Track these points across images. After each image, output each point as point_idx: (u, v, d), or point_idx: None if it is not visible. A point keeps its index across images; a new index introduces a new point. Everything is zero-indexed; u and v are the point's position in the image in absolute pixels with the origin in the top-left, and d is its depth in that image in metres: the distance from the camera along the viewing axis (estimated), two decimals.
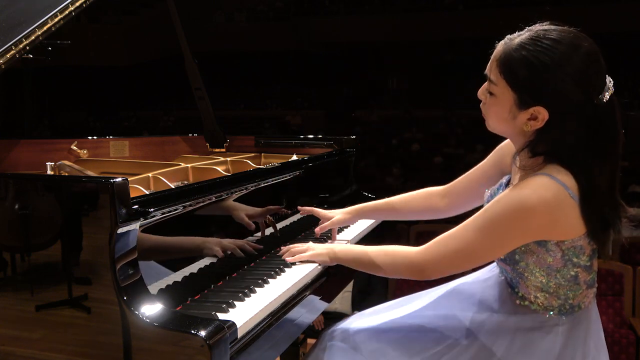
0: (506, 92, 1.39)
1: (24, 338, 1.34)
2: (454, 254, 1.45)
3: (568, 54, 1.33)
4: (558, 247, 1.39)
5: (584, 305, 1.48)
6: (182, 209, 1.49)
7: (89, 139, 2.47)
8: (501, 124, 1.45)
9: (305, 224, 2.23)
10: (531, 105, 1.36)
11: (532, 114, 1.37)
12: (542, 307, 1.47)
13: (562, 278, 1.43)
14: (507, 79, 1.38)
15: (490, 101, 1.44)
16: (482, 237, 1.40)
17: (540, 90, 1.34)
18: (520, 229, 1.37)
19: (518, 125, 1.40)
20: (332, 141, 2.75)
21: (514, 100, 1.38)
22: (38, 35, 1.82)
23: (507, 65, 1.37)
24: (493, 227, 1.39)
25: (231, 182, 1.75)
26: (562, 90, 1.33)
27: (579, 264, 1.42)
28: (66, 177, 1.97)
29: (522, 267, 1.45)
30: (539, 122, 1.37)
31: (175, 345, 1.19)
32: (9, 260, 1.36)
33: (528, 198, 1.33)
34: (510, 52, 1.37)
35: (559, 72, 1.32)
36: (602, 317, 2.92)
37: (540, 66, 1.33)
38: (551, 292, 1.45)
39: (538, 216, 1.34)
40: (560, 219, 1.36)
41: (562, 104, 1.34)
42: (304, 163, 2.30)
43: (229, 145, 2.77)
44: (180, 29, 2.52)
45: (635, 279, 3.96)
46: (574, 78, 1.33)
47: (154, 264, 1.41)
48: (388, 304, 1.81)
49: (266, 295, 1.52)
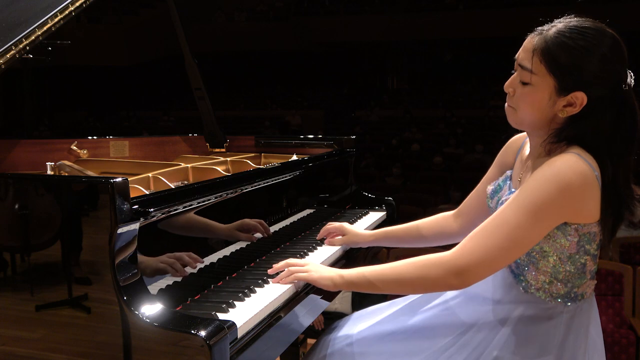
0: (546, 79, 1.40)
1: (24, 338, 1.34)
2: (498, 246, 1.38)
3: (602, 39, 1.39)
4: (576, 232, 1.41)
5: (587, 295, 1.50)
6: (182, 209, 1.49)
7: (89, 139, 2.47)
8: (535, 113, 1.44)
9: (305, 224, 2.24)
10: (572, 90, 1.38)
11: (570, 100, 1.39)
12: (547, 295, 1.47)
13: (572, 265, 1.44)
14: (549, 66, 1.39)
15: (526, 91, 1.44)
16: (527, 221, 1.36)
17: (581, 74, 1.37)
18: (560, 204, 1.36)
19: (553, 112, 1.42)
20: (332, 141, 2.75)
21: (555, 87, 1.40)
22: (38, 35, 1.82)
23: (547, 51, 1.39)
24: (536, 207, 1.36)
25: (231, 182, 1.75)
26: (601, 74, 1.38)
27: (589, 251, 1.44)
28: (66, 177, 1.97)
29: (536, 251, 1.45)
30: (576, 108, 1.39)
31: (175, 345, 1.19)
32: (9, 260, 1.36)
33: (564, 173, 1.35)
34: (550, 40, 1.40)
35: (598, 57, 1.37)
36: (602, 317, 2.94)
37: (581, 50, 1.37)
38: (560, 279, 1.45)
39: (575, 190, 1.35)
40: (588, 197, 1.37)
41: (599, 89, 1.38)
42: (304, 163, 2.30)
43: (229, 145, 2.77)
44: (180, 29, 2.52)
45: (635, 279, 3.95)
46: (612, 64, 1.38)
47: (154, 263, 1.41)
48: (388, 303, 1.80)
49: (266, 295, 1.52)
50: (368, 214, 2.57)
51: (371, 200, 2.72)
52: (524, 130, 1.57)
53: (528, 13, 15.82)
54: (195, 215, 1.57)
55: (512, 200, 1.41)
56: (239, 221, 1.78)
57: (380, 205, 2.69)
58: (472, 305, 1.56)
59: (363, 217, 2.50)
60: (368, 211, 2.62)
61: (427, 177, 9.21)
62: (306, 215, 2.26)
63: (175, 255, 1.47)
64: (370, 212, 2.61)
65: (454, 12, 16.51)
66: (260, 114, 16.28)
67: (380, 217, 2.56)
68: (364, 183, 3.83)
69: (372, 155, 10.56)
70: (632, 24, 13.74)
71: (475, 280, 1.42)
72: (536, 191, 1.36)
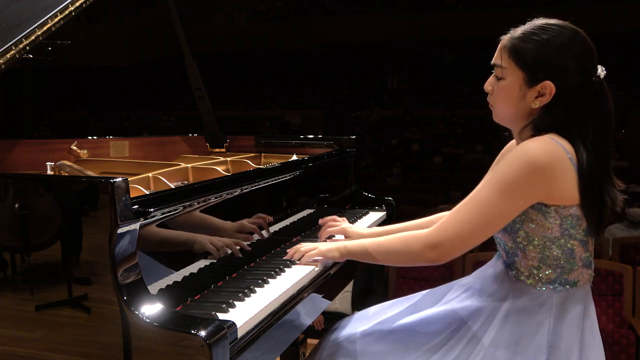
0: (515, 72, 1.50)
1: (24, 338, 1.34)
2: (470, 222, 1.46)
3: (567, 34, 1.49)
4: (557, 214, 1.45)
5: (580, 283, 1.51)
6: (182, 209, 1.49)
7: (89, 139, 2.47)
8: (510, 107, 1.53)
9: (305, 224, 2.24)
10: (539, 80, 1.47)
11: (541, 90, 1.48)
12: (537, 281, 1.49)
13: (559, 249, 1.47)
14: (516, 59, 1.50)
15: (499, 86, 1.54)
16: (497, 197, 1.43)
17: (547, 64, 1.47)
18: (530, 182, 1.41)
19: (527, 104, 1.50)
20: (332, 141, 2.75)
21: (524, 79, 1.49)
22: (38, 35, 1.82)
23: (514, 47, 1.50)
24: (505, 184, 1.43)
25: (231, 182, 1.75)
26: (566, 64, 1.47)
27: (575, 236, 1.47)
28: (66, 177, 1.97)
29: (521, 237, 1.49)
30: (547, 97, 1.47)
31: (175, 345, 1.19)
32: (9, 260, 1.36)
33: (534, 150, 1.42)
34: (516, 36, 1.52)
35: (562, 48, 1.47)
36: (602, 317, 2.95)
37: (545, 42, 1.47)
38: (548, 264, 1.48)
39: (545, 168, 1.41)
40: (561, 176, 1.42)
41: (566, 78, 1.46)
42: (304, 163, 2.30)
43: (229, 145, 2.77)
44: (180, 29, 2.52)
45: (635, 279, 3.95)
46: (575, 54, 1.47)
47: (153, 264, 1.41)
48: (390, 303, 1.82)
49: (266, 295, 1.52)
50: (368, 214, 2.57)
51: (371, 200, 2.72)
52: (507, 127, 1.61)
53: (528, 13, 15.80)
54: (198, 214, 1.57)
55: (485, 179, 1.50)
56: (238, 223, 1.78)
57: (380, 205, 2.69)
58: (468, 301, 1.59)
59: (363, 217, 2.50)
60: (368, 211, 2.62)
61: (427, 177, 9.21)
62: (306, 215, 2.27)
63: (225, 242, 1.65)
64: (370, 212, 2.61)
65: (454, 12, 16.50)
66: (260, 114, 16.27)
67: (380, 217, 2.56)
68: (364, 183, 3.83)
69: (372, 155, 10.56)
70: (632, 24, 13.76)
71: (451, 254, 1.50)
72: (506, 169, 1.44)
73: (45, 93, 12.94)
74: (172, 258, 1.48)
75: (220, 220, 1.69)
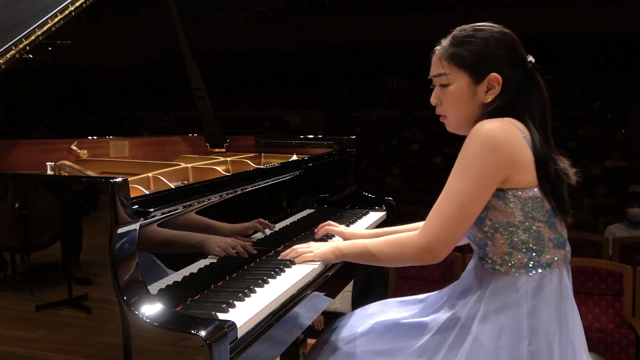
0: (460, 75, 1.57)
1: (24, 338, 1.34)
2: (450, 216, 1.49)
3: (495, 30, 1.58)
4: (516, 199, 1.48)
5: (554, 265, 1.52)
6: (182, 209, 1.49)
7: (89, 139, 2.47)
8: (463, 109, 1.59)
9: (305, 224, 2.23)
10: (485, 74, 1.54)
11: (489, 84, 1.55)
12: (510, 267, 1.51)
13: (525, 233, 1.50)
14: (457, 62, 1.56)
15: (448, 92, 1.60)
16: (467, 183, 1.47)
17: (487, 58, 1.55)
18: (489, 158, 1.45)
19: (479, 100, 1.56)
20: (332, 141, 2.75)
21: (470, 78, 1.56)
22: (38, 35, 1.82)
23: (451, 52, 1.57)
24: (470, 166, 1.47)
25: (231, 182, 1.75)
26: (503, 54, 1.55)
27: (539, 218, 1.50)
28: (66, 177, 1.97)
29: (487, 225, 1.53)
30: (497, 88, 1.54)
31: (175, 345, 1.19)
32: (9, 260, 1.36)
33: (490, 128, 1.47)
34: (449, 44, 1.59)
35: (495, 42, 1.56)
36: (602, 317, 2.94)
37: (479, 40, 1.56)
38: (518, 249, 1.51)
39: (503, 141, 1.46)
40: (520, 151, 1.47)
41: (507, 66, 1.55)
42: (304, 163, 2.30)
43: (229, 145, 2.77)
44: (180, 29, 2.52)
45: (635, 279, 3.95)
46: (507, 44, 1.56)
47: (154, 263, 1.41)
48: (391, 303, 1.83)
49: (266, 295, 1.52)
50: (368, 214, 2.57)
51: (371, 200, 2.72)
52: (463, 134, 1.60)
53: (528, 13, 15.85)
54: (196, 215, 1.57)
55: (453, 169, 1.52)
56: (240, 226, 1.78)
57: (380, 205, 2.69)
58: (456, 299, 1.62)
59: (363, 217, 2.50)
60: (368, 211, 2.62)
61: (427, 177, 9.20)
62: (306, 215, 2.27)
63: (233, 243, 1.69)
64: (370, 212, 2.61)
65: (454, 12, 16.49)
66: (260, 114, 16.27)
67: (380, 217, 2.56)
68: (364, 183, 3.83)
69: (372, 155, 10.56)
70: (632, 24, 13.76)
71: (444, 252, 1.53)
72: (465, 154, 1.48)
73: (45, 93, 12.94)
74: (172, 258, 1.48)
75: (219, 222, 1.69)
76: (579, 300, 3.96)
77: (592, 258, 4.39)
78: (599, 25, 14.41)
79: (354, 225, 2.33)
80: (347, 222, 2.35)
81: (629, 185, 7.10)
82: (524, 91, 1.55)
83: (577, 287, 4.00)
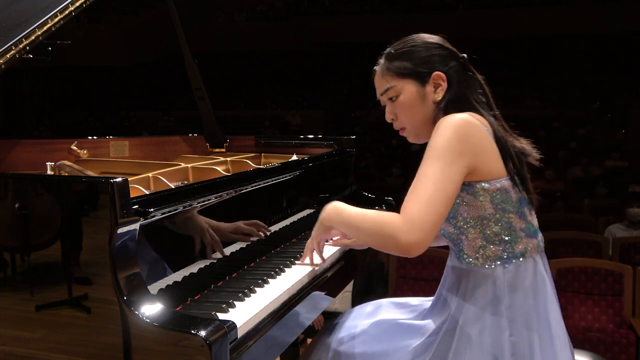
0: (406, 83, 1.63)
1: (24, 338, 1.34)
2: (430, 194, 1.44)
3: (420, 36, 1.68)
4: (485, 192, 1.51)
5: (528, 254, 1.55)
6: (182, 209, 1.49)
7: (89, 139, 2.47)
8: (418, 113, 1.64)
9: (305, 224, 2.23)
10: (428, 75, 1.61)
11: (435, 82, 1.61)
12: (485, 260, 1.54)
13: (496, 225, 1.53)
14: (400, 73, 1.63)
15: (399, 103, 1.65)
16: (441, 164, 1.47)
17: (426, 60, 1.62)
18: (458, 142, 1.48)
19: (430, 101, 1.62)
20: (332, 141, 2.75)
21: (416, 83, 1.63)
22: (38, 35, 1.82)
23: (392, 66, 1.65)
24: (444, 151, 1.48)
25: (231, 182, 1.75)
26: (439, 53, 1.64)
27: (509, 209, 1.53)
28: (66, 177, 1.97)
29: (460, 221, 1.56)
30: (443, 84, 1.61)
31: (175, 345, 1.19)
32: (9, 260, 1.36)
33: (455, 117, 1.51)
34: (386, 61, 1.67)
35: (428, 44, 1.65)
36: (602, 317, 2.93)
37: (414, 46, 1.65)
38: (491, 241, 1.53)
39: (469, 126, 1.50)
40: (485, 144, 1.51)
41: (445, 63, 1.62)
42: (304, 163, 2.30)
43: (229, 145, 2.77)
44: (180, 29, 2.52)
45: (635, 279, 3.95)
46: (439, 44, 1.65)
47: (154, 263, 1.41)
48: (385, 303, 1.83)
49: (266, 295, 1.52)
50: None
51: (371, 200, 2.72)
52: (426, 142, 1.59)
53: (528, 13, 15.84)
54: (196, 214, 1.57)
55: (423, 160, 1.52)
56: (234, 225, 1.78)
57: (380, 205, 2.68)
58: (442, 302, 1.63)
59: None
60: None
61: None
62: (306, 215, 2.27)
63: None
64: None
65: (454, 12, 16.50)
66: (260, 114, 16.26)
67: None
68: (364, 183, 3.82)
69: (372, 155, 10.57)
70: (632, 24, 13.76)
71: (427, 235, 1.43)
72: (438, 139, 1.50)
73: (45, 93, 12.93)
74: (172, 258, 1.48)
75: (220, 222, 1.69)
76: (579, 300, 3.97)
77: (592, 258, 4.39)
78: (599, 25, 14.40)
79: None
80: None
81: (629, 185, 7.10)
82: (464, 82, 1.62)
83: (577, 287, 4.00)
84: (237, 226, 1.78)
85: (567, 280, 3.99)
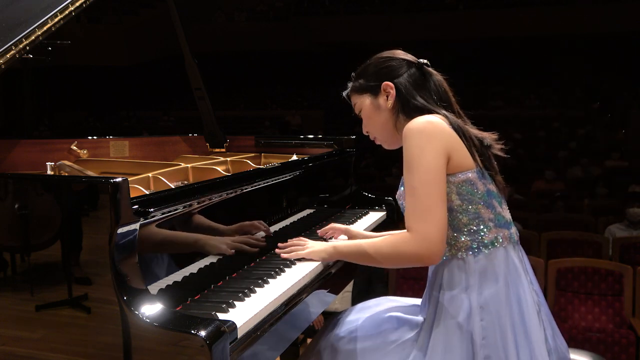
0: (363, 100, 1.79)
1: (24, 338, 1.34)
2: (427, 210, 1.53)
3: (376, 55, 1.81)
4: (451, 184, 1.58)
5: (498, 244, 1.60)
6: (182, 209, 1.49)
7: (89, 139, 2.47)
8: (378, 122, 1.77)
9: (305, 224, 2.24)
10: (379, 87, 1.74)
11: (384, 92, 1.74)
12: (457, 250, 1.60)
13: (465, 216, 1.60)
14: (358, 91, 1.81)
15: (364, 118, 1.81)
16: (421, 172, 1.54)
17: (373, 74, 1.77)
18: (431, 142, 1.55)
19: (385, 109, 1.74)
20: (332, 141, 2.75)
21: (369, 96, 1.78)
22: (38, 35, 1.82)
23: (352, 87, 1.83)
24: (417, 158, 1.55)
25: (231, 182, 1.76)
26: (389, 64, 1.76)
27: (475, 200, 1.60)
28: (66, 177, 1.97)
29: None
30: (392, 92, 1.72)
31: (175, 345, 1.19)
32: (9, 260, 1.36)
33: (420, 121, 1.59)
34: (350, 83, 1.84)
35: (379, 59, 1.79)
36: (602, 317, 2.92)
37: (366, 65, 1.81)
38: (461, 231, 1.60)
39: (432, 126, 1.57)
40: (449, 137, 1.58)
41: (395, 72, 1.74)
42: (304, 163, 2.30)
43: (229, 145, 2.77)
44: (180, 29, 2.52)
45: (635, 279, 3.95)
46: (389, 59, 1.77)
47: (154, 263, 1.41)
48: (391, 306, 1.83)
49: (266, 295, 1.52)
50: (368, 214, 2.57)
51: (371, 200, 2.72)
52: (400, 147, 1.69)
53: (528, 13, 15.84)
54: (196, 215, 1.57)
55: (403, 174, 1.60)
56: (237, 225, 1.78)
57: (380, 205, 2.69)
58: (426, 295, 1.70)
59: (363, 217, 2.50)
60: (368, 211, 2.62)
61: None
62: (306, 215, 2.27)
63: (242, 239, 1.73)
64: (370, 212, 2.61)
65: (454, 12, 16.49)
66: (260, 114, 16.26)
67: (380, 217, 2.56)
68: (364, 183, 3.83)
69: (372, 155, 10.56)
70: (632, 24, 13.76)
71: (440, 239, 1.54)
72: (408, 151, 1.57)
73: (45, 93, 12.93)
74: (172, 258, 1.48)
75: (219, 223, 1.69)
76: (579, 300, 3.97)
77: (592, 258, 4.39)
78: (599, 25, 14.40)
79: (354, 225, 2.33)
80: (347, 222, 2.35)
81: (629, 185, 7.10)
82: (421, 84, 1.72)
83: (577, 287, 4.00)
84: (239, 226, 1.78)
85: (567, 280, 3.99)
